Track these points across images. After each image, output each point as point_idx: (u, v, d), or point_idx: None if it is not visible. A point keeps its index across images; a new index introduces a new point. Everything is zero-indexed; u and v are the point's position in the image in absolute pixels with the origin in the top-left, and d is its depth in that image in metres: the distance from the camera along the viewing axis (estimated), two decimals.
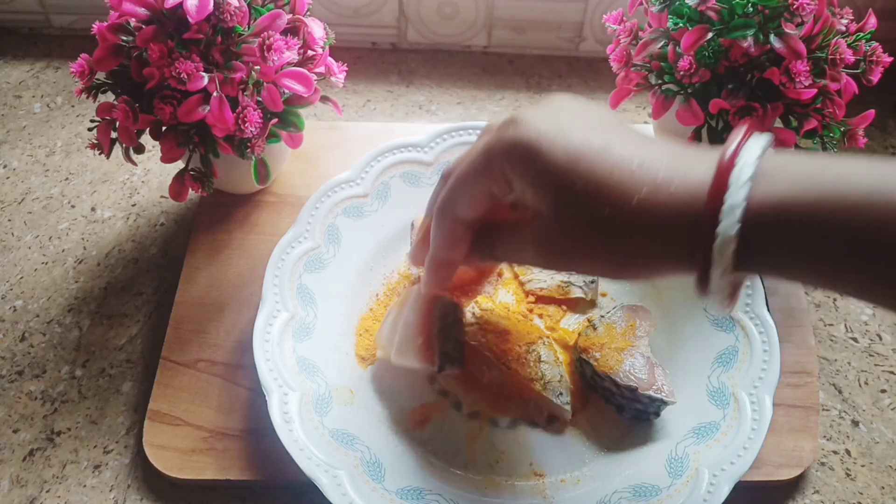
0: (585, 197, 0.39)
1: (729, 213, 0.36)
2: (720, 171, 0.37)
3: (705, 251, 0.37)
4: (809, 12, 0.55)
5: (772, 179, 0.36)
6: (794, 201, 0.36)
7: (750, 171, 0.36)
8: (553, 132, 0.40)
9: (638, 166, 0.39)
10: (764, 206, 0.36)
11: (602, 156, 0.39)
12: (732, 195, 0.36)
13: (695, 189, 0.38)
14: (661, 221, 0.38)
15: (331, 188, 0.64)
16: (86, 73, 0.57)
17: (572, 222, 0.41)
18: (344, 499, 0.50)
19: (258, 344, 0.56)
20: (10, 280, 0.66)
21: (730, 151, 0.38)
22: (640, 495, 0.53)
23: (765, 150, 0.38)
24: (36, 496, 0.55)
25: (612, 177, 0.39)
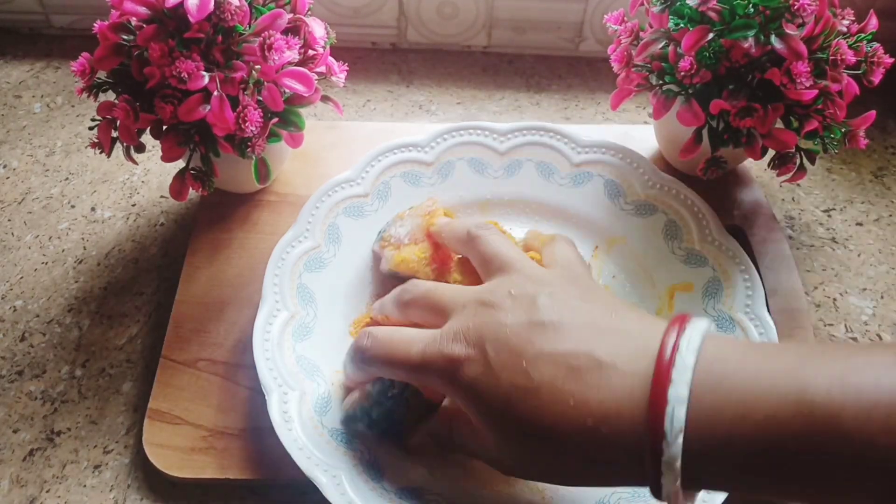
0: (525, 436, 0.42)
1: (668, 464, 0.37)
2: (651, 416, 0.37)
3: (655, 482, 0.38)
4: (810, 13, 0.55)
5: (706, 415, 0.37)
6: (729, 444, 0.36)
7: (681, 420, 0.36)
8: (485, 377, 0.42)
9: (571, 405, 0.40)
10: (701, 446, 0.37)
11: (533, 400, 0.41)
12: (668, 451, 0.37)
13: (629, 429, 0.38)
14: (603, 453, 0.40)
15: (331, 188, 0.64)
16: (87, 72, 0.56)
17: (516, 452, 0.43)
18: (343, 498, 0.50)
19: (258, 343, 0.56)
20: (9, 280, 0.66)
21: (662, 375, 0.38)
22: (640, 496, 0.53)
23: (693, 377, 0.37)
24: (36, 496, 0.55)
25: (545, 421, 0.40)
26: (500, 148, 0.68)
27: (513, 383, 0.41)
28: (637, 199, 0.66)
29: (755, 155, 0.59)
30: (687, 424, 0.36)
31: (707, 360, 0.38)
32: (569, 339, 0.42)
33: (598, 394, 0.39)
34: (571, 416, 0.40)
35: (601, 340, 0.41)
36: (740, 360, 0.38)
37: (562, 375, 0.41)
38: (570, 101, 0.84)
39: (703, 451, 0.36)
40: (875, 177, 0.77)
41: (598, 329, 0.42)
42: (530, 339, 0.42)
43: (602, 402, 0.39)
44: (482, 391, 0.43)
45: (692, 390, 0.37)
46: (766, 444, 0.35)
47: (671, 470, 0.37)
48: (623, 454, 0.39)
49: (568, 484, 0.46)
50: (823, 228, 0.72)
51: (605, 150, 0.68)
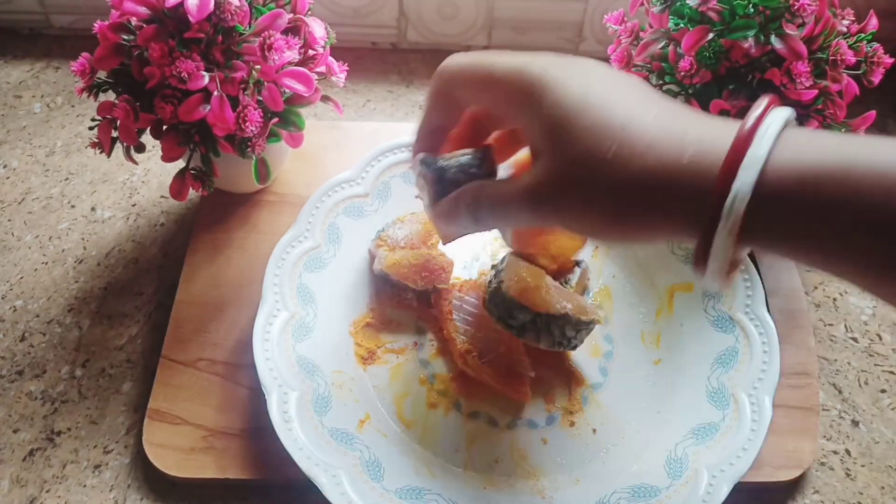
0: (592, 134, 0.37)
1: (745, 169, 0.34)
2: (741, 133, 0.35)
3: (713, 211, 0.35)
4: (810, 13, 0.55)
5: (794, 147, 0.35)
6: (817, 171, 0.34)
7: (773, 135, 0.34)
8: (571, 75, 0.39)
9: (654, 117, 0.37)
10: (783, 173, 0.34)
11: (618, 101, 0.37)
12: (752, 153, 0.34)
13: (712, 147, 0.36)
14: (669, 175, 0.36)
15: (331, 187, 0.64)
16: (87, 71, 0.56)
17: (570, 166, 0.38)
18: (343, 498, 0.50)
19: (258, 343, 0.56)
20: (10, 280, 0.66)
21: (753, 117, 0.36)
22: (639, 496, 0.53)
23: (788, 121, 0.36)
24: (36, 496, 0.55)
25: (624, 120, 0.37)
26: None
27: (601, 83, 0.38)
28: None
29: None
30: (769, 156, 0.34)
31: (793, 126, 0.36)
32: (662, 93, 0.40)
33: (686, 123, 0.37)
34: (651, 125, 0.37)
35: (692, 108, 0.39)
36: (821, 131, 0.37)
37: (653, 98, 0.38)
38: None
39: (776, 187, 0.34)
40: None
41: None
42: (621, 73, 0.40)
43: (686, 123, 0.37)
44: (564, 82, 0.38)
45: (772, 153, 0.34)
46: (841, 195, 0.33)
47: (738, 201, 0.34)
48: (692, 182, 0.36)
49: (603, 230, 0.40)
50: None
51: None
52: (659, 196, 0.36)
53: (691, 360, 0.59)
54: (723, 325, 0.59)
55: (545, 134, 0.39)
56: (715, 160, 0.35)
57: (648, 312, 0.62)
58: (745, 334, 0.58)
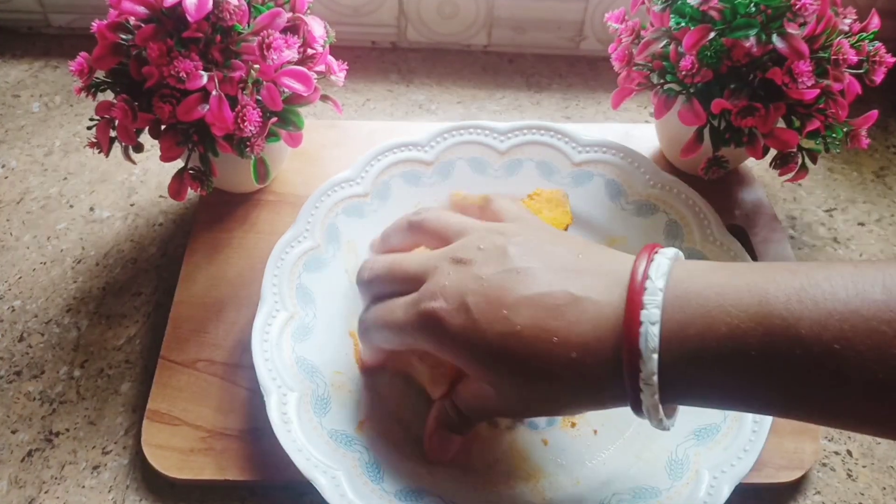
0: (516, 377, 0.44)
1: (646, 380, 0.39)
2: (627, 338, 0.40)
3: (635, 403, 0.41)
4: (812, 12, 0.54)
5: (677, 335, 0.39)
6: (697, 349, 0.39)
7: (655, 339, 0.39)
8: (468, 331, 0.44)
9: (554, 342, 0.42)
10: (675, 363, 0.39)
11: (518, 342, 0.43)
12: (644, 366, 0.39)
13: (611, 355, 0.41)
14: (589, 382, 0.42)
15: (331, 187, 0.64)
16: (85, 71, 0.56)
17: (513, 394, 0.45)
18: (342, 500, 0.50)
19: (257, 344, 0.56)
20: (8, 280, 0.66)
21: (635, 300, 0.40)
22: (640, 497, 0.53)
23: (663, 299, 0.40)
24: (34, 497, 0.54)
25: (531, 361, 0.42)
26: (501, 147, 0.68)
27: (497, 331, 0.43)
28: (638, 198, 0.66)
29: (757, 154, 0.59)
30: (660, 343, 0.39)
31: (675, 281, 0.40)
32: (543, 282, 0.43)
33: (577, 327, 0.42)
34: (557, 353, 0.42)
35: (575, 278, 0.43)
36: (707, 280, 0.40)
37: (542, 316, 0.42)
38: (570, 100, 0.83)
39: (675, 366, 0.39)
40: (877, 176, 0.77)
41: (571, 268, 0.44)
42: (506, 287, 0.44)
43: (581, 335, 0.41)
44: (469, 341, 0.44)
45: (663, 310, 0.39)
46: (731, 353, 0.38)
47: (649, 385, 0.39)
48: (606, 378, 0.41)
49: (566, 413, 0.52)
50: (825, 228, 0.72)
51: (605, 149, 0.68)
52: (587, 388, 0.43)
53: None
54: None
55: (480, 380, 0.47)
56: (616, 360, 0.41)
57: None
58: None
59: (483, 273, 0.45)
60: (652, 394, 0.40)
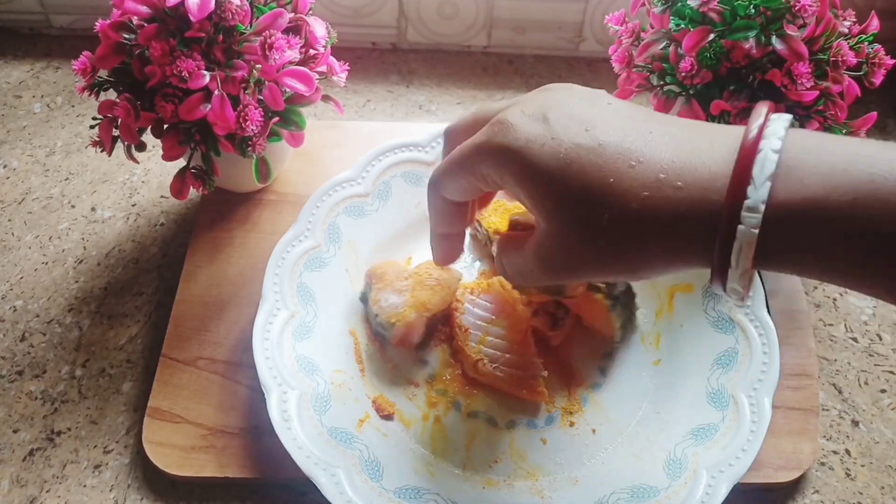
0: (581, 204, 0.37)
1: (750, 211, 0.34)
2: (740, 163, 0.34)
3: (723, 251, 0.35)
4: (811, 14, 0.55)
5: (796, 173, 0.34)
6: (822, 201, 0.33)
7: (772, 164, 0.34)
8: (542, 138, 0.38)
9: (637, 163, 0.36)
10: (788, 205, 0.34)
11: (595, 158, 0.37)
12: (754, 192, 0.33)
13: (707, 184, 0.35)
14: (669, 222, 0.36)
15: (332, 187, 0.64)
16: (88, 70, 0.56)
17: (571, 232, 0.38)
18: (342, 497, 0.50)
19: (258, 342, 0.56)
20: (10, 280, 0.66)
21: (751, 137, 0.35)
22: (638, 496, 0.53)
23: (786, 137, 0.35)
24: (36, 496, 0.55)
25: (607, 180, 0.36)
26: None
27: (575, 143, 0.37)
28: None
29: None
30: (777, 171, 0.33)
31: (797, 133, 0.35)
32: (640, 113, 0.39)
33: (673, 152, 0.36)
34: (641, 173, 0.36)
35: (678, 123, 0.38)
36: (829, 138, 0.35)
37: (631, 138, 0.37)
38: None
39: (791, 206, 0.33)
40: None
41: (672, 118, 0.39)
42: (594, 109, 0.39)
43: (677, 160, 0.36)
44: (538, 152, 0.38)
45: (783, 149, 0.34)
46: (869, 205, 0.32)
47: (751, 220, 0.33)
48: (698, 211, 0.35)
49: (621, 276, 0.41)
50: None
51: None
52: (666, 230, 0.36)
53: (691, 361, 0.59)
54: (723, 326, 0.59)
55: (537, 207, 0.39)
56: (714, 193, 0.35)
57: (648, 313, 0.62)
58: (745, 335, 0.58)
59: (570, 99, 0.40)
60: (750, 238, 0.34)
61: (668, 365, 0.60)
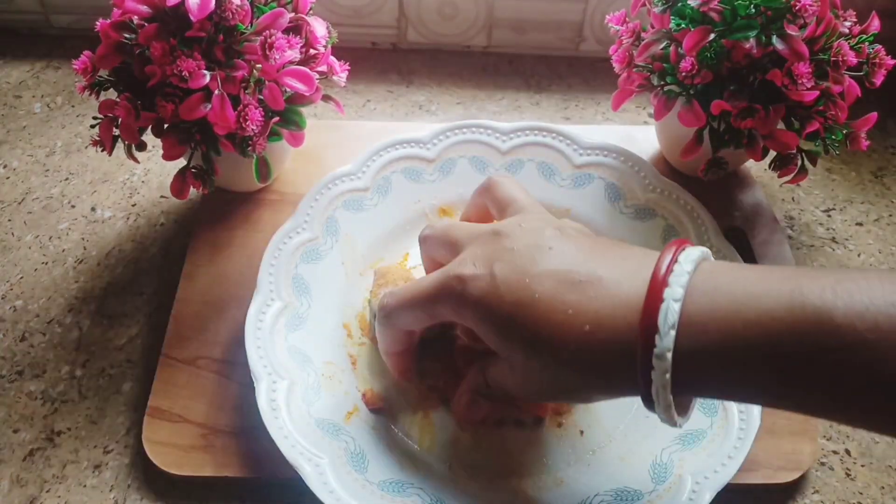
0: (528, 348, 0.43)
1: (659, 359, 0.38)
2: (645, 314, 0.39)
3: (646, 389, 0.40)
4: (812, 14, 0.55)
5: (698, 320, 0.38)
6: (721, 347, 0.38)
7: (675, 315, 0.38)
8: (490, 295, 0.44)
9: (567, 314, 0.41)
10: (692, 352, 0.38)
11: (533, 312, 0.42)
12: (660, 342, 0.38)
13: (625, 333, 0.40)
14: (600, 364, 0.41)
15: (331, 180, 0.64)
16: (88, 69, 0.56)
17: (522, 369, 0.45)
18: (325, 488, 0.50)
19: (250, 331, 0.56)
20: (10, 280, 0.66)
21: (657, 283, 0.40)
22: (622, 499, 0.53)
23: (689, 282, 0.39)
24: (36, 496, 0.54)
25: (543, 332, 0.42)
26: (503, 147, 0.68)
27: (516, 299, 0.43)
28: (637, 202, 0.66)
29: (756, 156, 0.59)
30: (680, 320, 0.38)
31: (704, 270, 0.40)
32: (572, 259, 0.44)
33: (595, 303, 0.41)
34: (570, 325, 0.41)
35: (603, 261, 0.43)
36: (737, 272, 0.40)
37: (563, 289, 0.42)
38: (570, 101, 0.84)
39: (695, 350, 0.38)
40: (875, 177, 0.77)
41: (600, 254, 0.44)
42: (534, 259, 0.44)
43: (599, 310, 0.41)
44: (488, 308, 0.44)
45: (687, 291, 0.39)
46: (760, 341, 0.37)
47: (662, 363, 0.38)
48: (619, 357, 0.40)
49: (576, 399, 0.50)
50: (823, 228, 0.72)
51: (606, 152, 0.68)
52: (598, 370, 0.42)
53: None
54: None
55: (495, 346, 0.46)
56: (631, 337, 0.40)
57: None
58: None
59: (516, 246, 0.45)
60: (664, 372, 0.38)
61: None
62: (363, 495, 0.51)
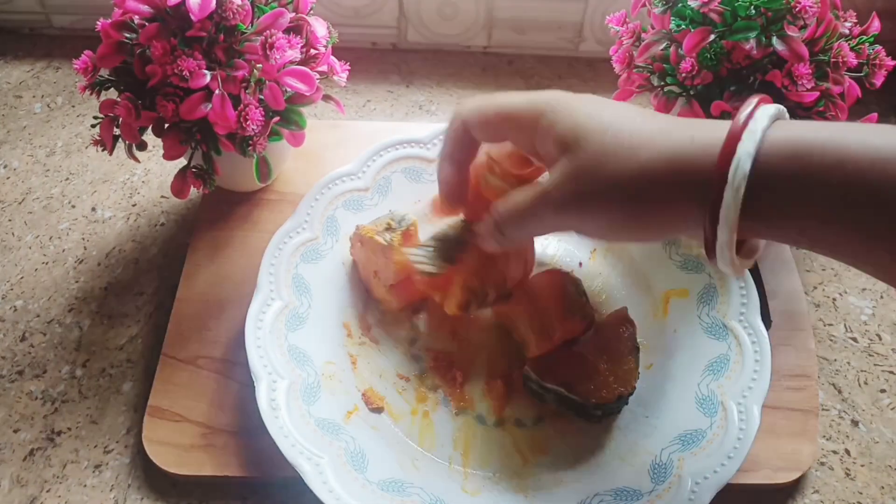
0: (601, 137, 0.42)
1: (744, 142, 0.38)
2: (738, 118, 0.39)
3: (717, 189, 0.38)
4: (812, 15, 0.55)
5: (787, 127, 0.38)
6: (809, 155, 0.37)
7: (767, 115, 0.38)
8: (576, 100, 0.44)
9: (657, 130, 0.41)
10: (778, 148, 0.38)
11: (624, 114, 0.42)
12: (750, 128, 0.38)
13: (709, 145, 0.39)
14: (675, 163, 0.40)
15: (332, 180, 0.65)
16: (89, 69, 0.57)
17: (584, 163, 0.42)
18: (325, 487, 0.50)
19: (250, 331, 0.56)
20: (10, 280, 0.66)
21: (749, 106, 0.40)
22: (621, 498, 0.53)
23: (780, 111, 0.40)
24: (36, 496, 0.54)
25: (629, 124, 0.41)
26: None
27: (615, 113, 0.43)
28: None
29: None
30: (757, 153, 0.37)
31: (785, 116, 0.40)
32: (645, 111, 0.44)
33: (685, 126, 0.41)
34: (655, 137, 0.41)
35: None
36: (818, 126, 0.39)
37: (654, 116, 0.43)
38: None
39: (767, 182, 0.37)
40: None
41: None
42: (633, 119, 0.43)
43: (686, 131, 0.41)
44: (567, 103, 0.44)
45: (765, 133, 0.38)
46: (838, 178, 0.36)
47: (739, 171, 0.37)
48: (695, 176, 0.39)
49: (625, 231, 0.44)
50: None
51: None
52: (668, 182, 0.40)
53: (682, 367, 0.59)
54: (716, 332, 0.59)
55: (558, 143, 0.43)
56: (715, 143, 0.39)
57: (643, 317, 0.62)
58: (737, 342, 0.58)
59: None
60: (736, 195, 0.37)
61: (659, 369, 0.59)
62: (363, 495, 0.51)
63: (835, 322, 0.65)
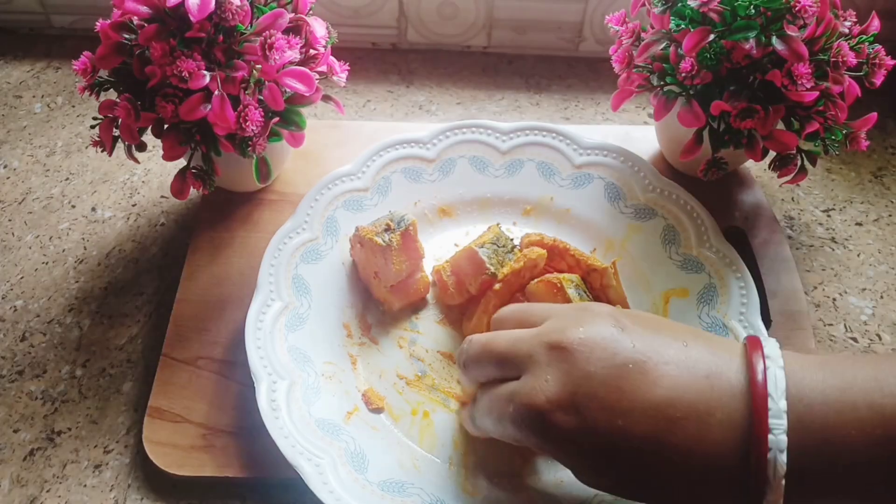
0: (624, 483, 0.42)
1: (776, 462, 0.38)
2: (756, 459, 0.39)
3: (756, 492, 0.39)
4: (812, 14, 0.55)
5: (810, 411, 0.39)
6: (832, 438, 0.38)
7: (783, 466, 0.38)
8: (580, 435, 0.41)
9: (677, 463, 0.40)
10: (807, 445, 0.39)
11: (637, 458, 0.41)
12: (772, 491, 0.38)
13: (734, 473, 0.39)
14: (709, 493, 0.40)
15: (331, 181, 0.65)
16: (88, 70, 0.57)
17: (616, 488, 0.43)
18: (325, 488, 0.50)
19: (250, 332, 0.56)
20: (10, 280, 0.66)
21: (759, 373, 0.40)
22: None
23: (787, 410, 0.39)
24: (36, 496, 0.55)
25: (654, 479, 0.41)
26: (503, 147, 0.68)
27: (611, 441, 0.41)
28: (637, 202, 0.66)
29: (756, 156, 0.59)
30: (786, 469, 0.38)
31: (792, 398, 0.39)
32: (659, 384, 0.41)
33: (701, 447, 0.40)
34: (678, 470, 0.40)
35: (690, 383, 0.41)
36: (824, 395, 0.39)
37: (662, 429, 0.40)
38: (569, 101, 0.84)
39: (797, 490, 0.39)
40: (875, 177, 0.77)
41: (683, 364, 0.42)
42: (621, 388, 0.41)
43: (706, 455, 0.40)
44: (579, 446, 0.41)
45: (788, 433, 0.39)
46: (854, 477, 0.38)
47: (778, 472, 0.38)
48: (727, 491, 0.40)
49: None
50: (823, 228, 0.72)
51: (606, 152, 0.68)
52: (713, 493, 0.40)
53: None
54: (716, 332, 0.59)
55: (586, 471, 0.43)
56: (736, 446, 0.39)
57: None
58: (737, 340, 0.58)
59: (591, 369, 0.41)
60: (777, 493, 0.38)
61: None
62: (363, 495, 0.51)
63: (835, 322, 0.65)
